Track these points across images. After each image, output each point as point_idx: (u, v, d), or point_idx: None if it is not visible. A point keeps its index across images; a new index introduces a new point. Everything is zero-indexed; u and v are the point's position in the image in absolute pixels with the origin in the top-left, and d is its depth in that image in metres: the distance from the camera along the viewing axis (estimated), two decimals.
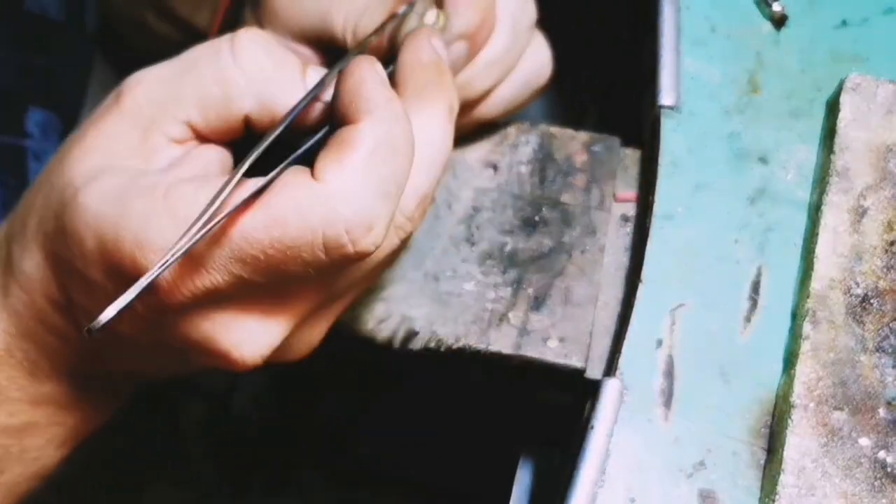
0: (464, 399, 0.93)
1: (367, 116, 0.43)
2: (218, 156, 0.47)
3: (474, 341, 0.56)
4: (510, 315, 0.57)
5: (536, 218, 0.60)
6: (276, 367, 0.49)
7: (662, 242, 0.57)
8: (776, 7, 0.64)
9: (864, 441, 0.50)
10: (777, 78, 0.62)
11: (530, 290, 0.58)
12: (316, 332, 0.49)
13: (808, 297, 0.53)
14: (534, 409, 0.70)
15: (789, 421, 0.50)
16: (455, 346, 0.56)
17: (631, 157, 0.63)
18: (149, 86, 0.46)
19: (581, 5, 0.94)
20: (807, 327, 0.52)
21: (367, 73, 0.45)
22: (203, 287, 0.42)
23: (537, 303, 0.57)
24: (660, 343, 0.54)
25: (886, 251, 0.54)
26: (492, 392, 0.87)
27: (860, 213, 0.55)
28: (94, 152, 0.45)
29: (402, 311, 0.57)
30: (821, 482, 0.49)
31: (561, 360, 0.56)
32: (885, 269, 0.54)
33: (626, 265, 0.59)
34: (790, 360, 0.53)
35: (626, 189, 0.62)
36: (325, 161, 0.43)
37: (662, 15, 0.63)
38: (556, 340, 0.56)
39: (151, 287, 0.40)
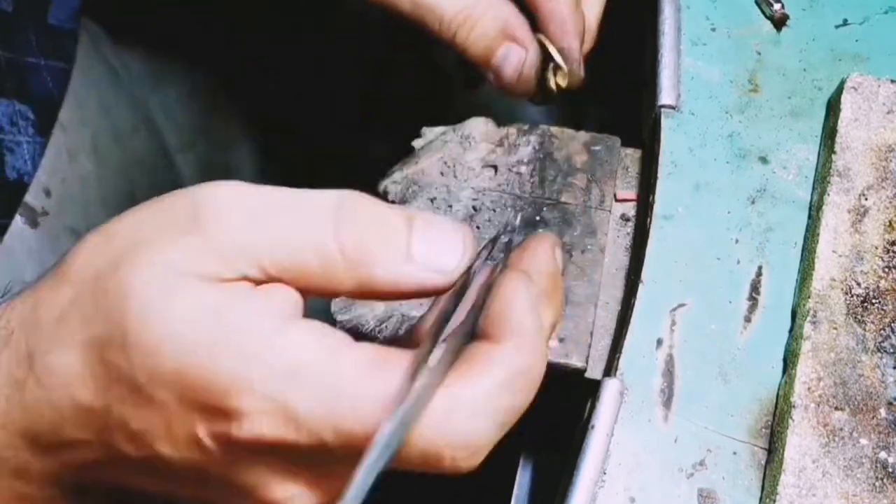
0: None
1: (510, 339, 0.41)
2: (291, 296, 0.43)
3: None
4: None
5: (537, 218, 0.60)
6: None
7: (662, 242, 0.57)
8: (777, 7, 0.64)
9: (865, 441, 0.50)
10: (777, 78, 0.62)
11: None
12: None
13: (808, 297, 0.53)
14: (534, 410, 0.70)
15: (790, 421, 0.50)
16: None
17: (631, 157, 0.63)
18: (238, 222, 0.41)
19: None
20: (807, 327, 0.52)
21: (520, 293, 0.43)
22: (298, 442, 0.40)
23: None
24: (660, 343, 0.54)
25: (887, 251, 0.54)
26: None
27: (861, 212, 0.55)
28: (162, 265, 0.41)
29: (403, 311, 0.57)
30: (821, 482, 0.49)
31: (561, 360, 0.56)
32: (886, 269, 0.54)
33: (626, 265, 0.59)
34: (790, 360, 0.53)
35: (626, 189, 0.62)
36: (456, 373, 0.41)
37: (662, 15, 0.63)
38: (555, 340, 0.56)
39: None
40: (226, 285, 0.41)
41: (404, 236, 0.42)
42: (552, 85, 0.63)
